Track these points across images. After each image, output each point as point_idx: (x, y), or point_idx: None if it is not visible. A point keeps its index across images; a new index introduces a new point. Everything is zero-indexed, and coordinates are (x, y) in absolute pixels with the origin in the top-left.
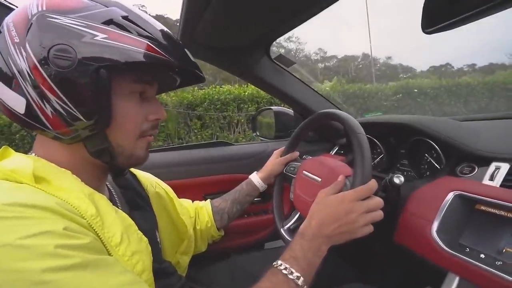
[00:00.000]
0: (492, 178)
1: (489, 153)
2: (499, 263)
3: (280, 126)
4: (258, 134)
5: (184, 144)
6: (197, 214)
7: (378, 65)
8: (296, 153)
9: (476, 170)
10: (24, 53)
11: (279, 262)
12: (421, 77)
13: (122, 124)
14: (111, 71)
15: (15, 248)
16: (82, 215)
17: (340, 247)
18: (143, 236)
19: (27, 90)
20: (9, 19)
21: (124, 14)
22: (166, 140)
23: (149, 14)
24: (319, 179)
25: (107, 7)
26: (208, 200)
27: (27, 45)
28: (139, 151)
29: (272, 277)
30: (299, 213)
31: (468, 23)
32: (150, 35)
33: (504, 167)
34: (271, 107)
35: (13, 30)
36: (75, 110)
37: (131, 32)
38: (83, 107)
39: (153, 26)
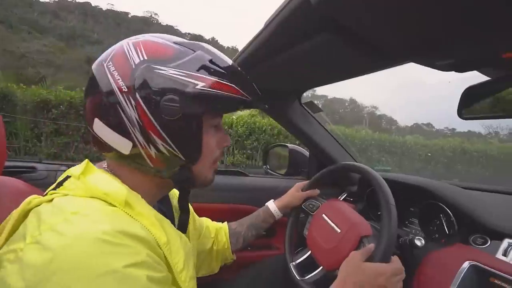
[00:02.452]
0: (505, 253)
1: (503, 228)
2: None
3: (293, 164)
4: (268, 167)
5: None
6: (217, 235)
7: (363, 112)
8: (317, 191)
9: (489, 243)
10: (133, 102)
11: None
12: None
13: (204, 156)
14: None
15: (123, 275)
16: (158, 244)
17: None
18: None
19: (134, 135)
20: (107, 60)
21: (209, 57)
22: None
23: (161, 23)
24: (339, 230)
25: (194, 51)
26: (226, 223)
27: (136, 95)
28: (210, 176)
29: None
30: (309, 252)
31: (500, 118)
32: (231, 77)
33: None
34: (287, 144)
35: (117, 76)
36: (177, 151)
37: (218, 76)
38: (185, 148)
39: (228, 64)
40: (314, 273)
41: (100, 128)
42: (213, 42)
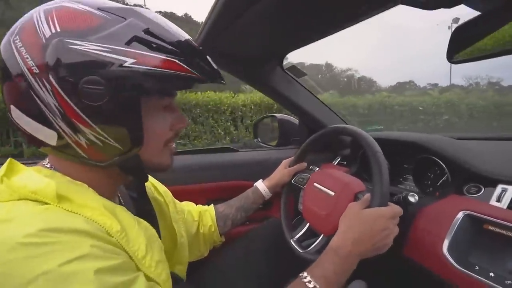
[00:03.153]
0: (499, 199)
1: (496, 175)
2: (508, 282)
3: (283, 134)
4: (259, 140)
5: (189, 149)
6: (201, 218)
7: (343, 77)
8: (304, 164)
9: (483, 191)
10: (48, 86)
11: (308, 278)
12: (387, 91)
13: (152, 140)
14: (141, 95)
15: (59, 275)
16: (109, 233)
17: None
18: (162, 244)
19: (57, 124)
20: (13, 34)
21: (144, 26)
22: None
23: (128, 4)
24: (332, 193)
25: (125, 19)
26: (212, 205)
27: (50, 77)
28: (165, 160)
29: None
30: (308, 224)
31: (491, 57)
32: (174, 49)
33: (511, 189)
34: (275, 115)
35: (26, 54)
36: (110, 139)
37: (156, 50)
38: (119, 136)
39: (174, 35)
40: (316, 242)
41: (19, 117)
42: (187, 18)
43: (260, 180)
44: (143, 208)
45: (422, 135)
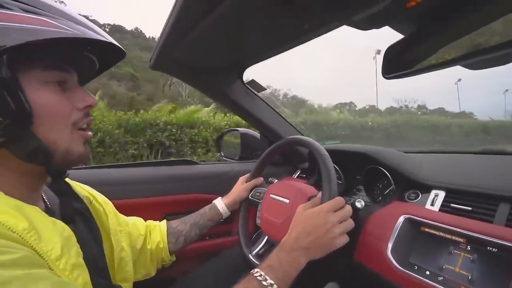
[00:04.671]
0: (432, 203)
1: (430, 181)
2: (440, 278)
3: (245, 148)
4: (222, 154)
5: (146, 161)
6: (149, 233)
7: (280, 96)
8: (261, 179)
9: (420, 196)
10: None
11: (255, 269)
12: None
13: (47, 118)
14: (11, 60)
15: None
16: (12, 230)
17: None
18: (80, 249)
19: None
20: None
21: None
22: None
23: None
24: (287, 200)
25: None
26: (165, 221)
27: None
28: (75, 146)
29: (246, 283)
30: (266, 237)
31: (422, 73)
32: (40, 9)
33: (441, 194)
34: (238, 129)
35: None
36: None
37: (29, 12)
38: None
39: (52, 4)
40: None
41: None
42: (137, 32)
43: (219, 198)
44: (72, 209)
45: (371, 147)
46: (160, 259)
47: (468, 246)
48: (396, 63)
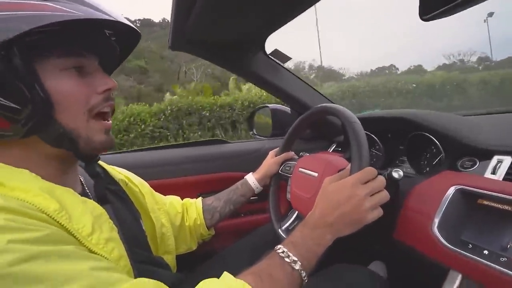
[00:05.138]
0: (494, 171)
1: (491, 146)
2: (503, 259)
3: (277, 124)
4: (254, 132)
5: (178, 143)
6: (186, 210)
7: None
8: (291, 153)
9: (478, 164)
10: None
11: (278, 246)
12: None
13: (66, 103)
14: (24, 48)
15: None
16: (43, 211)
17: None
18: (114, 225)
19: None
20: None
21: None
22: None
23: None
24: (316, 174)
25: None
26: (200, 198)
27: None
28: (96, 135)
29: (268, 260)
30: (297, 212)
31: (466, 8)
32: None
33: (507, 160)
34: (267, 105)
35: None
36: (4, 100)
37: None
38: (11, 96)
39: None
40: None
41: None
42: (165, 22)
43: (251, 173)
44: (104, 190)
45: (414, 111)
46: (199, 234)
47: None
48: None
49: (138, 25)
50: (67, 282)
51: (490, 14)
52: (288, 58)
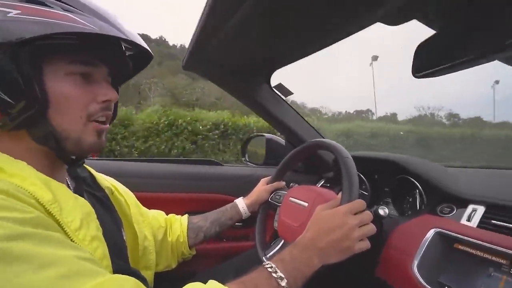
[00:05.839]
0: (469, 219)
1: (467, 195)
2: None
3: (270, 154)
4: (247, 159)
5: (171, 158)
6: (170, 225)
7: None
8: (282, 182)
9: (455, 211)
10: None
11: (267, 262)
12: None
13: (63, 106)
14: (36, 49)
15: None
16: (38, 200)
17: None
18: (99, 226)
19: None
20: None
21: None
22: None
23: None
24: (306, 204)
25: None
26: (186, 215)
27: None
28: (88, 137)
29: (256, 273)
30: (282, 241)
31: (455, 71)
32: (75, 8)
33: (480, 209)
34: (264, 134)
35: None
36: (1, 94)
37: (52, 7)
38: (10, 90)
39: (82, 1)
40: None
41: None
42: (161, 40)
43: (241, 198)
44: (78, 191)
45: (401, 155)
46: (181, 253)
47: None
48: (428, 61)
49: None
50: (51, 265)
51: (497, 82)
52: (290, 93)
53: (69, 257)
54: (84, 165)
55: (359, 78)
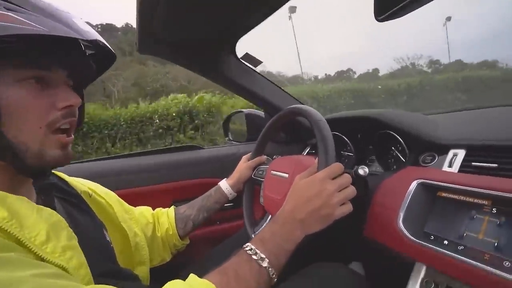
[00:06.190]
0: (450, 164)
1: (447, 140)
2: (461, 247)
3: (252, 129)
4: (230, 138)
5: (150, 150)
6: (157, 220)
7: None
8: (264, 157)
9: (437, 159)
10: None
11: (247, 244)
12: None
13: (18, 116)
14: None
15: None
16: None
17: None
18: (73, 234)
19: None
20: None
21: None
22: None
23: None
24: (286, 175)
25: None
26: (172, 207)
27: None
28: (50, 150)
29: (236, 258)
30: (270, 216)
31: (418, 7)
32: (20, 7)
33: (461, 153)
34: (242, 110)
35: None
36: None
37: None
38: None
39: (32, 1)
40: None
41: None
42: (127, 27)
43: (224, 179)
44: (46, 201)
45: (379, 110)
46: (173, 245)
47: (493, 209)
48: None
49: (99, 29)
50: None
51: (448, 18)
52: (259, 62)
53: (25, 277)
54: (53, 171)
55: (338, 38)
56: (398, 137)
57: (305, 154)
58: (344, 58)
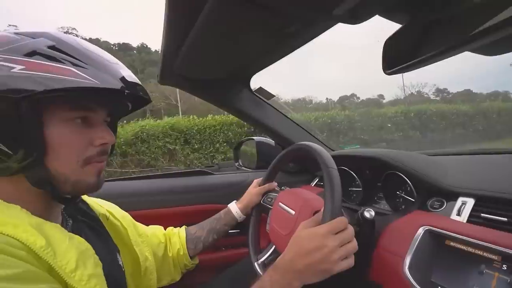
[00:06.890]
0: (459, 213)
1: (456, 188)
2: None
3: (262, 157)
4: (240, 164)
5: (162, 173)
6: (169, 240)
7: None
8: (274, 184)
9: (445, 205)
10: None
11: None
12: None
13: (60, 152)
14: (36, 101)
15: None
16: (29, 247)
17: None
18: (99, 261)
19: None
20: None
21: (51, 43)
22: None
23: (81, 37)
24: (293, 212)
25: (34, 38)
26: (184, 227)
27: None
28: (88, 178)
29: None
30: (274, 246)
31: (424, 66)
32: (79, 61)
33: (470, 202)
34: (253, 137)
35: None
36: (1, 145)
37: (58, 61)
38: (7, 141)
39: (76, 48)
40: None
41: None
42: (143, 47)
43: (234, 202)
44: (84, 227)
45: (389, 151)
46: (183, 265)
47: (504, 265)
48: (397, 56)
49: (116, 48)
50: None
51: None
52: (272, 96)
53: None
54: None
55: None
56: (406, 179)
57: (313, 185)
58: (346, 83)
